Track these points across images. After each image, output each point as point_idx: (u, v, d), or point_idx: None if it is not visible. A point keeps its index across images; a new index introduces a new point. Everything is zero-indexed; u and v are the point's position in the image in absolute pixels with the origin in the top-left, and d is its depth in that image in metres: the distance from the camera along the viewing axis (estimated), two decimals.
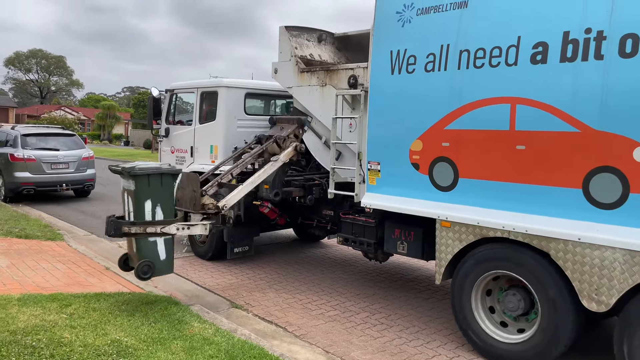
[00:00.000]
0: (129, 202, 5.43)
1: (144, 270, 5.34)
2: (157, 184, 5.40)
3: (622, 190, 3.81)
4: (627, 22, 3.79)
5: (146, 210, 5.33)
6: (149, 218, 5.35)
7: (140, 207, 5.31)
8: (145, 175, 5.31)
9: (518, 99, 4.33)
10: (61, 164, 13.18)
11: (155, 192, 5.39)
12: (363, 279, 7.15)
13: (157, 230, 5.40)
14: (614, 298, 3.82)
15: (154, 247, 5.45)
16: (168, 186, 5.51)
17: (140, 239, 5.37)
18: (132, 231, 5.31)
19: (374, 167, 5.57)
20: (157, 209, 5.42)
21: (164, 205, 5.45)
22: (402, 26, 5.22)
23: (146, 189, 5.34)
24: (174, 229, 5.53)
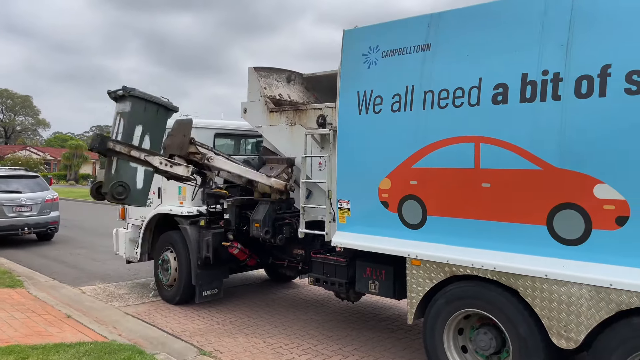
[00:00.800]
0: (119, 125, 5.27)
1: (119, 192, 5.16)
2: (152, 112, 5.31)
3: (584, 226, 3.89)
4: (582, 64, 3.96)
5: (135, 134, 5.22)
6: (136, 144, 5.21)
7: (131, 130, 5.18)
8: (143, 100, 5.22)
9: (481, 138, 4.43)
10: (23, 206, 12.77)
11: (148, 120, 5.30)
12: (335, 320, 7.03)
13: (141, 157, 5.26)
14: (583, 334, 3.84)
15: (133, 173, 5.28)
16: (162, 119, 5.43)
17: (122, 161, 5.19)
18: (116, 148, 5.15)
19: (343, 205, 5.57)
20: (146, 138, 5.31)
21: (153, 136, 5.35)
22: (368, 67, 5.34)
23: (141, 114, 5.23)
24: (157, 161, 5.41)
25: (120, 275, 9.67)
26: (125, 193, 5.21)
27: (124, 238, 8.49)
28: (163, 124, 5.60)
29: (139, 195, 5.45)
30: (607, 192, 3.79)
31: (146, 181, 5.43)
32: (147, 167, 5.45)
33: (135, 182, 5.35)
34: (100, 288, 8.62)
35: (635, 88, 3.69)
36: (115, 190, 5.16)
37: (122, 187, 5.19)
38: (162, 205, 7.84)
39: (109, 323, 6.55)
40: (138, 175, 5.37)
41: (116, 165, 5.29)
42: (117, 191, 5.17)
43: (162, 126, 5.58)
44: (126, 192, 5.22)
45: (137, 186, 5.37)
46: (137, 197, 5.43)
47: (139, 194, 5.44)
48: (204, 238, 7.09)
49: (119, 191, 5.17)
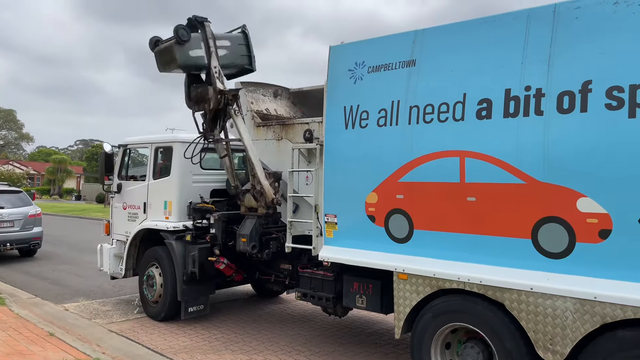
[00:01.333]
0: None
1: (183, 34, 5.73)
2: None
3: (568, 239, 3.94)
4: (563, 80, 4.04)
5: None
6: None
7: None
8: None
9: (466, 152, 4.48)
10: (5, 222, 12.55)
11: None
12: (323, 335, 6.98)
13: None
14: (568, 347, 3.86)
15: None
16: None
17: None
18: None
19: (331, 219, 5.57)
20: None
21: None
22: (355, 83, 5.38)
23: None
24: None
25: (104, 291, 9.52)
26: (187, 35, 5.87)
27: (109, 254, 8.38)
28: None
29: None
30: (590, 205, 3.84)
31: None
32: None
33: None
34: (84, 305, 8.47)
35: (615, 103, 3.77)
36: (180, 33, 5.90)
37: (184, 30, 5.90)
38: (148, 220, 7.77)
39: (93, 341, 6.43)
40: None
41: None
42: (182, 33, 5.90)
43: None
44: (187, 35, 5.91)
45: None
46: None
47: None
48: (190, 253, 7.02)
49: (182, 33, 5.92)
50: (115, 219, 8.49)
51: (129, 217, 8.14)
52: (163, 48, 6.03)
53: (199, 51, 6.02)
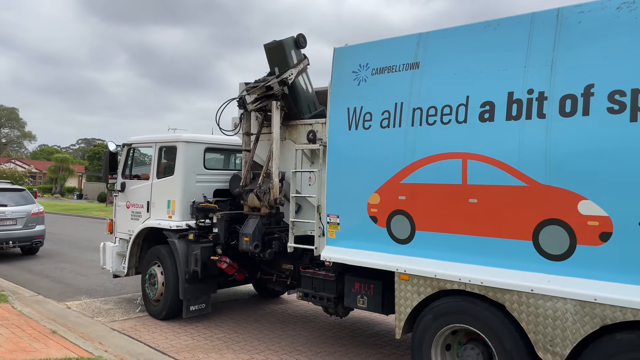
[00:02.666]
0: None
1: (302, 40, 6.74)
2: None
3: (569, 242, 3.97)
4: (566, 83, 4.07)
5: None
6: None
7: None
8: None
9: (469, 154, 4.51)
10: (8, 220, 12.60)
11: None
12: (324, 336, 7.01)
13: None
14: (568, 349, 3.89)
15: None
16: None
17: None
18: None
19: (333, 220, 5.60)
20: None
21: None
22: (358, 85, 5.42)
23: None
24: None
25: (106, 290, 9.56)
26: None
27: (112, 252, 8.42)
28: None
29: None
30: (591, 208, 3.88)
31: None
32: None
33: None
34: (86, 303, 8.51)
35: (617, 107, 3.81)
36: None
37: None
38: (151, 219, 7.81)
39: (95, 339, 6.47)
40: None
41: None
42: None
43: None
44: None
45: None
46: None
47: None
48: (193, 252, 7.06)
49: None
50: (119, 218, 8.53)
51: (132, 216, 8.19)
52: (284, 38, 6.71)
53: (295, 58, 6.69)
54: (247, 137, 7.04)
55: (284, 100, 6.65)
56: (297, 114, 6.75)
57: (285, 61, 6.58)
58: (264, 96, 6.72)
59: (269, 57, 6.75)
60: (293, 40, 6.71)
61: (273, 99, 6.60)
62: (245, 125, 7.05)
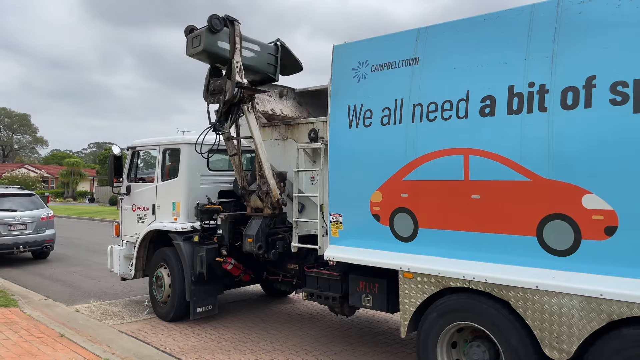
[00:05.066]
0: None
1: (216, 23, 5.98)
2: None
3: (574, 236, 3.90)
4: (567, 75, 4.00)
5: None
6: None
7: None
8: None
9: (470, 150, 4.46)
10: (18, 225, 12.73)
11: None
12: (331, 335, 6.98)
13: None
14: (575, 345, 3.82)
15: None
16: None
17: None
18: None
19: (336, 219, 5.57)
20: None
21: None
22: (358, 82, 5.38)
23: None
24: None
25: (115, 292, 9.62)
26: (220, 25, 6.08)
27: (119, 255, 8.47)
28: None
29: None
30: (596, 202, 3.80)
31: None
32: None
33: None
34: (95, 306, 8.57)
35: (620, 99, 3.73)
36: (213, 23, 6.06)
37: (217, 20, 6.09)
38: (157, 222, 7.83)
39: (103, 342, 6.50)
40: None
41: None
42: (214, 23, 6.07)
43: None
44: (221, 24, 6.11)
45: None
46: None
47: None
48: (198, 254, 7.07)
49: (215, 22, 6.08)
50: (125, 221, 8.57)
51: (138, 219, 8.22)
52: (196, 33, 6.25)
53: (226, 44, 6.21)
54: (230, 141, 6.85)
55: (247, 91, 6.37)
56: (266, 79, 6.59)
57: (220, 57, 6.18)
58: (229, 109, 6.49)
59: (202, 60, 6.47)
60: (208, 30, 6.09)
61: (239, 105, 6.41)
62: (227, 130, 6.80)
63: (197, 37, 6.13)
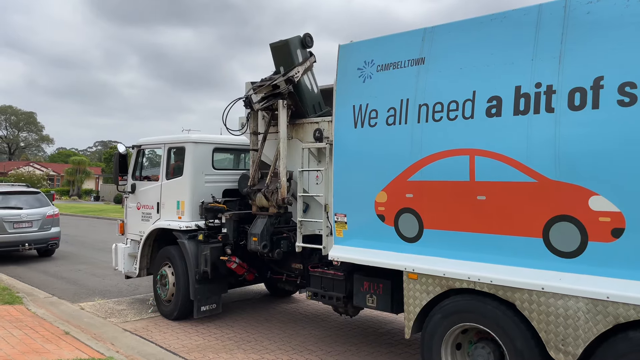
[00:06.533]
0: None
1: (308, 40, 6.68)
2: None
3: (580, 238, 3.87)
4: (575, 76, 3.96)
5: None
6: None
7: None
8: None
9: (476, 150, 4.43)
10: (24, 222, 12.79)
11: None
12: (335, 335, 6.97)
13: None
14: (580, 348, 3.79)
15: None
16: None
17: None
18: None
19: (340, 219, 5.55)
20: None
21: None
22: (364, 82, 5.36)
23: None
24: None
25: (119, 290, 9.64)
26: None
27: (123, 253, 8.48)
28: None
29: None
30: (602, 204, 3.77)
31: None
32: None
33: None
34: (100, 304, 8.59)
35: (627, 100, 3.70)
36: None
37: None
38: (161, 220, 7.84)
39: (107, 340, 6.52)
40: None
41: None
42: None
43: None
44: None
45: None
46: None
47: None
48: (202, 252, 7.08)
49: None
50: (130, 219, 8.59)
51: (142, 217, 8.23)
52: (291, 37, 6.68)
53: (300, 57, 6.64)
54: (255, 136, 7.03)
55: (290, 98, 6.62)
56: (303, 113, 6.71)
57: (291, 60, 6.54)
58: (271, 95, 6.69)
59: (274, 56, 6.72)
60: (299, 39, 6.67)
61: (279, 97, 6.57)
62: (252, 124, 7.03)
63: (288, 40, 6.63)
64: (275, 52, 6.69)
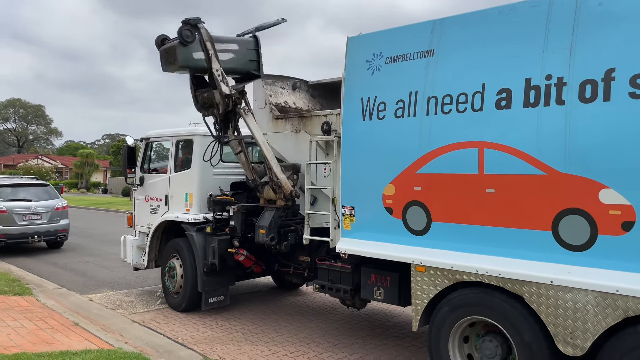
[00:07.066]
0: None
1: (187, 34, 5.68)
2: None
3: (590, 231, 3.85)
4: (586, 68, 3.93)
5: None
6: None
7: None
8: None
9: (485, 143, 4.41)
10: (33, 214, 12.89)
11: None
12: (342, 328, 6.99)
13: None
14: (589, 341, 3.78)
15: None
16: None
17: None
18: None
19: (348, 211, 5.55)
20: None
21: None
22: (372, 74, 5.34)
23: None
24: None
25: (128, 282, 9.71)
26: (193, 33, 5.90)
27: (132, 245, 8.53)
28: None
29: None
30: (613, 197, 3.75)
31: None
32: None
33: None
34: (108, 295, 8.66)
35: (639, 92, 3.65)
36: (184, 33, 5.85)
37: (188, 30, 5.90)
38: (169, 213, 7.88)
39: (116, 331, 6.57)
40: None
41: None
42: (186, 34, 5.83)
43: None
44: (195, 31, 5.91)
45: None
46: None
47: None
48: (210, 245, 7.11)
49: (187, 34, 5.85)
50: (138, 211, 8.64)
51: (151, 210, 8.27)
52: (168, 47, 6.00)
53: (201, 54, 5.95)
54: (235, 141, 6.98)
55: (241, 96, 6.37)
56: (252, 77, 6.46)
57: (199, 68, 6.02)
58: (226, 117, 6.54)
59: (181, 73, 6.41)
60: (180, 43, 5.90)
61: (234, 110, 6.41)
62: (232, 139, 6.93)
63: (171, 51, 5.90)
64: (179, 73, 6.29)
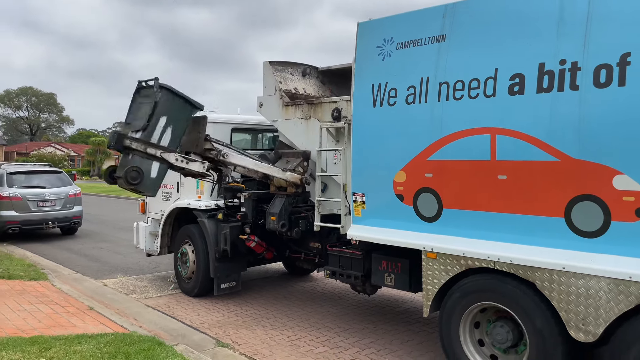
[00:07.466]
0: (143, 112, 5.56)
1: (133, 176, 5.35)
2: (178, 106, 5.64)
3: (603, 218, 3.83)
4: (600, 53, 3.87)
5: (159, 125, 5.49)
6: (158, 133, 5.49)
7: (156, 120, 5.47)
8: (172, 93, 5.56)
9: (498, 129, 4.38)
10: (47, 201, 13.06)
11: (173, 113, 5.58)
12: (352, 313, 7.05)
13: (157, 154, 5.51)
14: (601, 328, 3.78)
15: (148, 164, 5.53)
16: (186, 115, 5.76)
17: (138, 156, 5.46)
18: (132, 146, 5.37)
19: (359, 198, 5.56)
20: (168, 130, 5.56)
21: (174, 130, 5.63)
22: (383, 60, 5.30)
23: (168, 106, 5.53)
24: (173, 159, 5.63)
25: (141, 268, 9.84)
26: (139, 178, 5.39)
27: (144, 232, 8.63)
28: (186, 119, 5.80)
29: (152, 183, 5.62)
30: (627, 183, 3.71)
31: (160, 173, 5.67)
32: (162, 163, 5.57)
33: (150, 171, 5.55)
34: (122, 281, 8.79)
35: None
36: (129, 174, 5.35)
37: (137, 172, 5.39)
38: (181, 199, 7.94)
39: (130, 315, 6.68)
40: (153, 166, 5.57)
41: (132, 157, 5.45)
42: (131, 176, 5.36)
43: (184, 121, 5.77)
44: (140, 178, 5.39)
45: (150, 175, 5.57)
46: (149, 185, 5.60)
47: (152, 183, 5.63)
48: (222, 231, 7.16)
49: (132, 176, 5.36)
50: (150, 198, 8.70)
51: (163, 197, 8.33)
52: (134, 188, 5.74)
53: (156, 165, 5.69)
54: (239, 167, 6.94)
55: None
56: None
57: (164, 173, 5.83)
58: (215, 169, 6.60)
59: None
60: (134, 184, 5.52)
61: (219, 162, 6.41)
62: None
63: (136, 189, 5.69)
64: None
